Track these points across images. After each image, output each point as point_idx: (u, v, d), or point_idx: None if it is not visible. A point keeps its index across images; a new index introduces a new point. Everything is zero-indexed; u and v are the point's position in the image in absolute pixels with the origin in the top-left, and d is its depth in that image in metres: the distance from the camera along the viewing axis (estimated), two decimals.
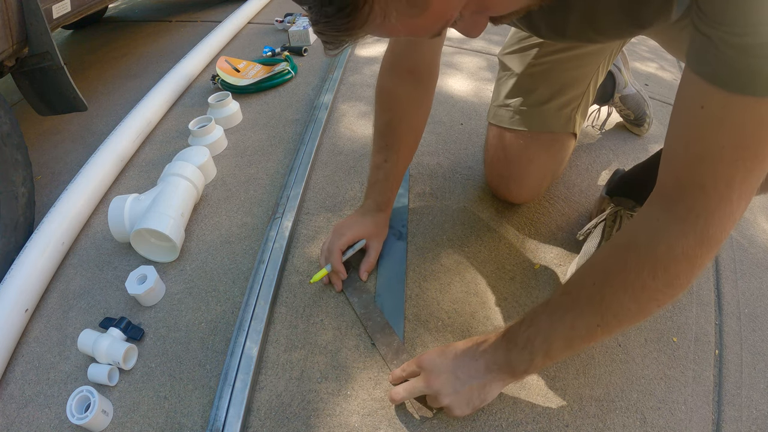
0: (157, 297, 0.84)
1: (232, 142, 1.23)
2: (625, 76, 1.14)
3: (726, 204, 0.44)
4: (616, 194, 0.87)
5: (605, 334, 0.55)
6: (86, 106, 1.15)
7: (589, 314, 0.53)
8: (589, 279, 0.55)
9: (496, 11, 0.41)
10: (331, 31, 0.34)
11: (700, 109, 0.42)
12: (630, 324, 0.54)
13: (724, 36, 0.37)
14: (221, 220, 0.99)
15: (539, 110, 0.85)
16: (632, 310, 0.51)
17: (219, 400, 0.65)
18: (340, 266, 0.79)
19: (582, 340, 0.55)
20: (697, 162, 0.44)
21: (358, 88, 1.43)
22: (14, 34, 1.00)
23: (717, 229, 0.46)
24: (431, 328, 0.76)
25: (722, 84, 0.39)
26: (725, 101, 0.40)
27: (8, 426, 0.69)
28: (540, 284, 0.83)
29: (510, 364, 0.58)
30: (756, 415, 0.68)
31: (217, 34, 1.75)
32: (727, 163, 0.42)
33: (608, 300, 0.52)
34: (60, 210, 0.95)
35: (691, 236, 0.47)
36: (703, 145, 0.44)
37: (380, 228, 0.87)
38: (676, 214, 0.47)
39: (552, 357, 0.57)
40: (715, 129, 0.42)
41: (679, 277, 0.49)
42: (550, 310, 0.57)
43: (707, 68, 0.41)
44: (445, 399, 0.60)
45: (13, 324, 0.78)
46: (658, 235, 0.49)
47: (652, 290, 0.49)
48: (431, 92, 0.83)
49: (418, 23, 0.35)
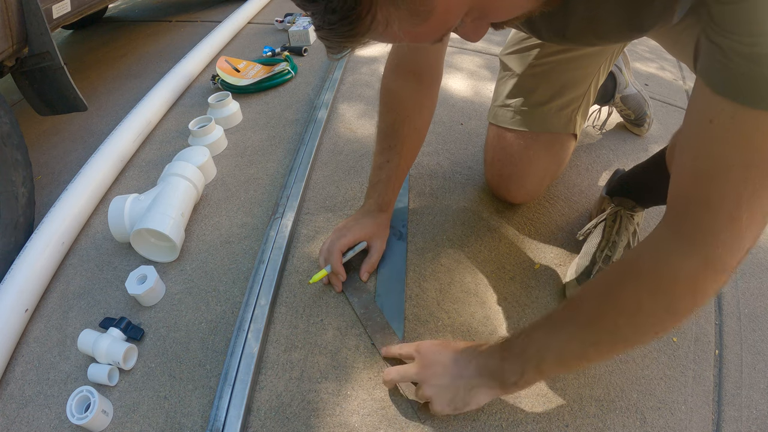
0: (157, 297, 0.84)
1: (232, 142, 1.23)
2: (626, 77, 1.14)
3: (734, 225, 0.42)
4: (616, 194, 0.87)
5: (598, 356, 0.53)
6: (86, 106, 1.15)
7: (584, 331, 0.52)
8: (590, 294, 0.53)
9: (497, 18, 0.41)
10: (335, 37, 0.34)
11: (709, 123, 0.41)
12: (624, 347, 0.52)
13: (734, 45, 0.36)
14: (221, 220, 0.99)
15: (540, 111, 0.85)
16: (627, 333, 0.49)
17: (219, 400, 0.65)
18: (339, 267, 0.79)
19: (575, 358, 0.54)
20: (704, 179, 0.43)
21: (358, 87, 1.43)
22: (14, 34, 1.00)
23: (724, 252, 0.43)
24: (431, 328, 0.76)
25: (732, 96, 0.38)
26: (735, 115, 0.38)
27: (8, 426, 0.69)
28: (540, 284, 0.83)
29: (501, 372, 0.58)
30: (756, 415, 0.68)
31: (217, 34, 1.75)
32: (736, 181, 0.40)
33: (604, 318, 0.50)
34: (60, 210, 0.95)
35: (694, 257, 0.44)
36: (710, 161, 0.42)
37: (382, 228, 0.86)
38: (681, 233, 0.45)
39: (543, 372, 0.56)
40: (723, 144, 0.40)
41: (680, 302, 0.46)
42: (548, 323, 0.56)
43: (717, 79, 0.39)
44: (429, 390, 0.60)
45: (13, 324, 0.78)
46: (660, 254, 0.47)
47: (649, 313, 0.47)
48: (435, 94, 0.83)
49: (420, 31, 0.35)
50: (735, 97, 0.38)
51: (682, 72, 1.64)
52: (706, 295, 0.46)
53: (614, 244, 0.80)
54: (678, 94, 1.48)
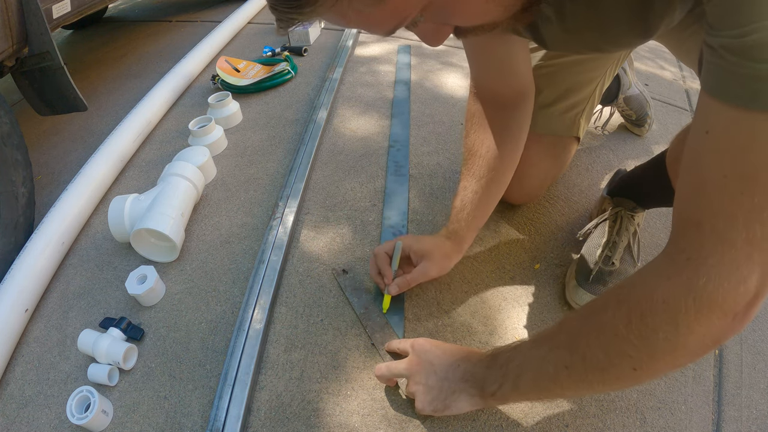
0: (157, 297, 0.84)
1: (232, 142, 1.23)
2: (629, 77, 1.14)
3: (726, 248, 0.35)
4: (617, 195, 0.87)
5: (571, 383, 0.47)
6: (86, 106, 1.15)
7: (561, 350, 0.47)
8: (578, 313, 0.49)
9: (459, 21, 0.39)
10: (283, 7, 0.34)
11: (705, 134, 0.36)
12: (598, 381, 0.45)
13: (724, 42, 0.32)
14: (221, 220, 0.99)
15: (543, 113, 0.85)
16: (600, 360, 0.43)
17: (219, 400, 0.65)
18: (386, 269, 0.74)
19: (549, 379, 0.49)
20: (696, 194, 0.38)
21: (358, 88, 1.43)
22: (14, 34, 1.00)
23: (710, 281, 0.36)
24: (431, 328, 0.76)
25: (725, 97, 0.34)
26: (729, 119, 0.34)
27: (8, 426, 0.69)
28: (540, 284, 0.83)
29: (483, 380, 0.56)
30: (756, 415, 0.68)
31: (217, 34, 1.75)
32: (730, 194, 0.34)
33: (580, 339, 0.45)
34: (60, 210, 0.95)
35: (675, 282, 0.38)
36: (703, 174, 0.37)
37: (440, 254, 0.75)
38: (670, 255, 0.40)
39: (519, 389, 0.52)
40: (717, 153, 0.35)
41: (657, 333, 0.39)
42: (535, 338, 0.53)
43: (711, 81, 0.35)
44: (413, 386, 0.61)
45: (13, 324, 0.78)
46: (646, 277, 0.42)
47: (623, 340, 0.41)
48: (524, 116, 0.74)
49: (371, 14, 0.34)
50: (729, 99, 0.33)
51: (682, 72, 1.64)
52: (692, 335, 0.37)
53: (614, 244, 0.80)
54: (678, 94, 1.48)
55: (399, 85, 1.42)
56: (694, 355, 0.40)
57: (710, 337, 0.38)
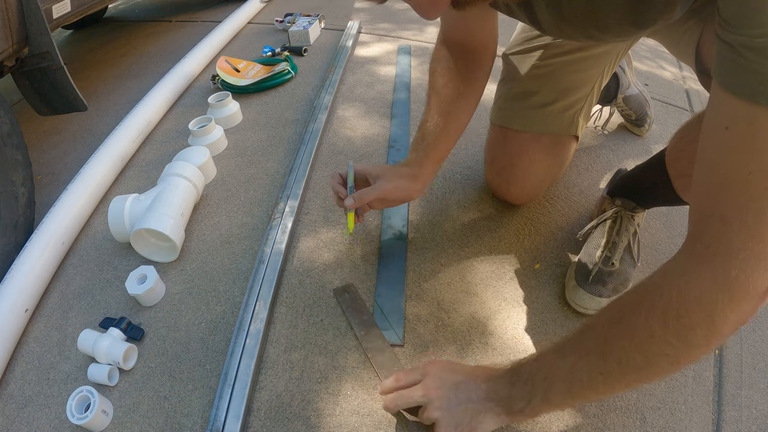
0: (157, 297, 0.84)
1: (232, 142, 1.23)
2: (628, 77, 1.14)
3: (755, 242, 0.37)
4: (617, 195, 0.87)
5: (607, 387, 0.48)
6: (86, 106, 1.15)
7: (593, 357, 0.48)
8: (603, 318, 0.49)
9: None
10: None
11: (725, 130, 0.37)
12: (636, 380, 0.47)
13: (744, 40, 0.33)
14: (221, 220, 0.99)
15: (542, 112, 0.85)
16: (637, 362, 0.45)
17: (219, 400, 0.65)
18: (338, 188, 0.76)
19: (583, 387, 0.49)
20: (720, 190, 0.38)
21: (358, 88, 1.43)
22: (14, 34, 1.00)
23: (742, 272, 0.38)
24: (431, 328, 0.76)
25: (748, 95, 0.35)
26: (752, 116, 0.35)
27: (8, 426, 0.69)
28: (540, 284, 0.83)
29: (509, 398, 0.54)
30: (756, 415, 0.68)
31: (217, 34, 1.75)
32: (756, 191, 0.36)
33: (612, 344, 0.46)
34: (60, 210, 0.95)
35: (707, 279, 0.40)
36: (726, 170, 0.38)
37: (395, 174, 0.76)
38: (696, 253, 0.41)
39: (551, 401, 0.52)
40: (740, 150, 0.36)
41: (695, 330, 0.41)
42: (558, 347, 0.52)
43: (731, 79, 0.36)
44: (435, 412, 0.57)
45: (13, 324, 0.77)
46: (672, 276, 0.43)
47: (661, 341, 0.43)
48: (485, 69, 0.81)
49: None
50: (751, 97, 0.34)
51: (682, 72, 1.64)
52: (727, 321, 0.40)
53: (614, 244, 0.80)
54: (678, 94, 1.48)
55: (399, 85, 1.42)
56: (726, 338, 0.45)
57: (740, 321, 0.41)
